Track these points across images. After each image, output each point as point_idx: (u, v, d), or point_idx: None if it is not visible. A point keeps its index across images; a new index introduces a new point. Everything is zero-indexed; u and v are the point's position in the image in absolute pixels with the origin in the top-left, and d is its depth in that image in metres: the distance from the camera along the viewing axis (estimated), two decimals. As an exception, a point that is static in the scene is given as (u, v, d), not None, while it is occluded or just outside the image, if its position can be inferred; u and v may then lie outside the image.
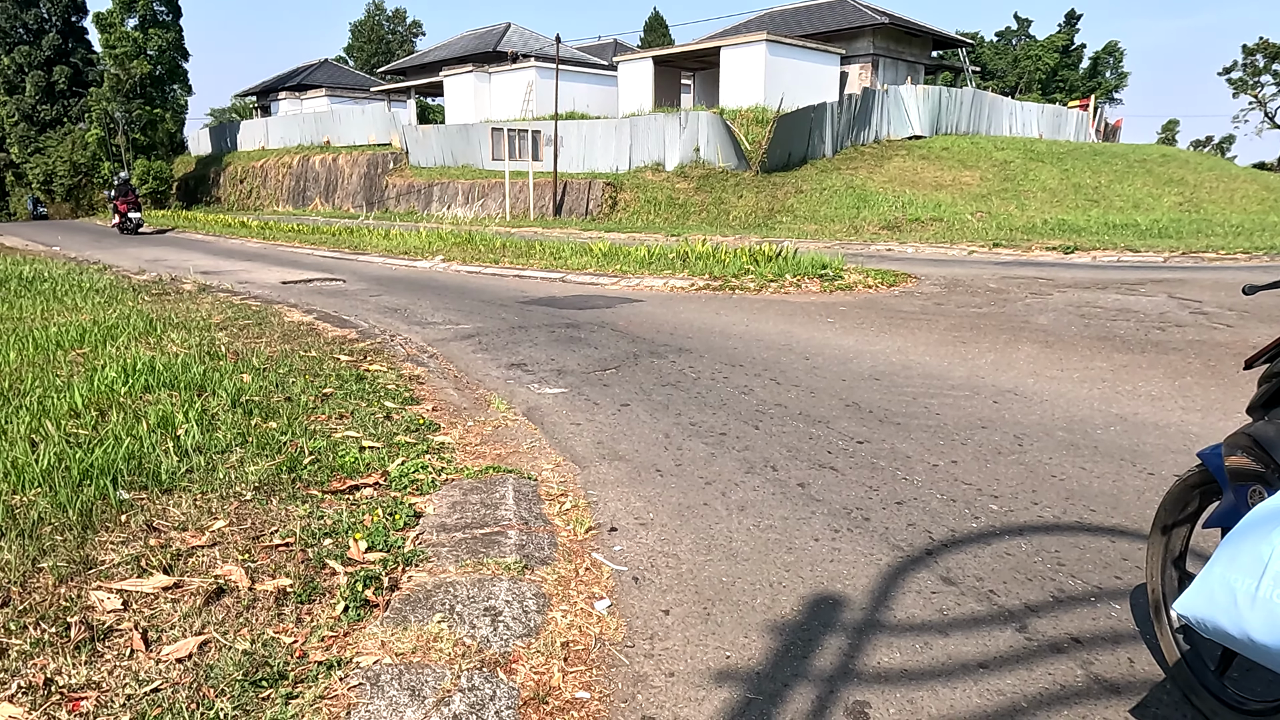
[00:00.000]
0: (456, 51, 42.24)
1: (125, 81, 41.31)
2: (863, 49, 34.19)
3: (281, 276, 13.60)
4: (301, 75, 49.50)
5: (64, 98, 45.78)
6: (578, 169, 29.73)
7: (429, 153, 34.80)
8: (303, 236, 20.38)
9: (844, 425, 4.94)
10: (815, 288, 10.90)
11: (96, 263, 15.65)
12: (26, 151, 45.40)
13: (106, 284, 10.68)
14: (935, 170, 26.90)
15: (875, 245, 17.77)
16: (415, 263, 15.11)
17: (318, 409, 5.01)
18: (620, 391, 5.87)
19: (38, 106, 45.40)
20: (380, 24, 65.71)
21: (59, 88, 45.61)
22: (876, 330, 7.98)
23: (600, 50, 44.52)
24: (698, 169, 27.14)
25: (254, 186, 41.96)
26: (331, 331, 7.73)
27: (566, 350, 7.28)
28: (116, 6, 41.76)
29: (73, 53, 46.08)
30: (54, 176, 44.27)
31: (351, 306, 10.07)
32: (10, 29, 45.04)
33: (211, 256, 17.56)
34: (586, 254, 14.25)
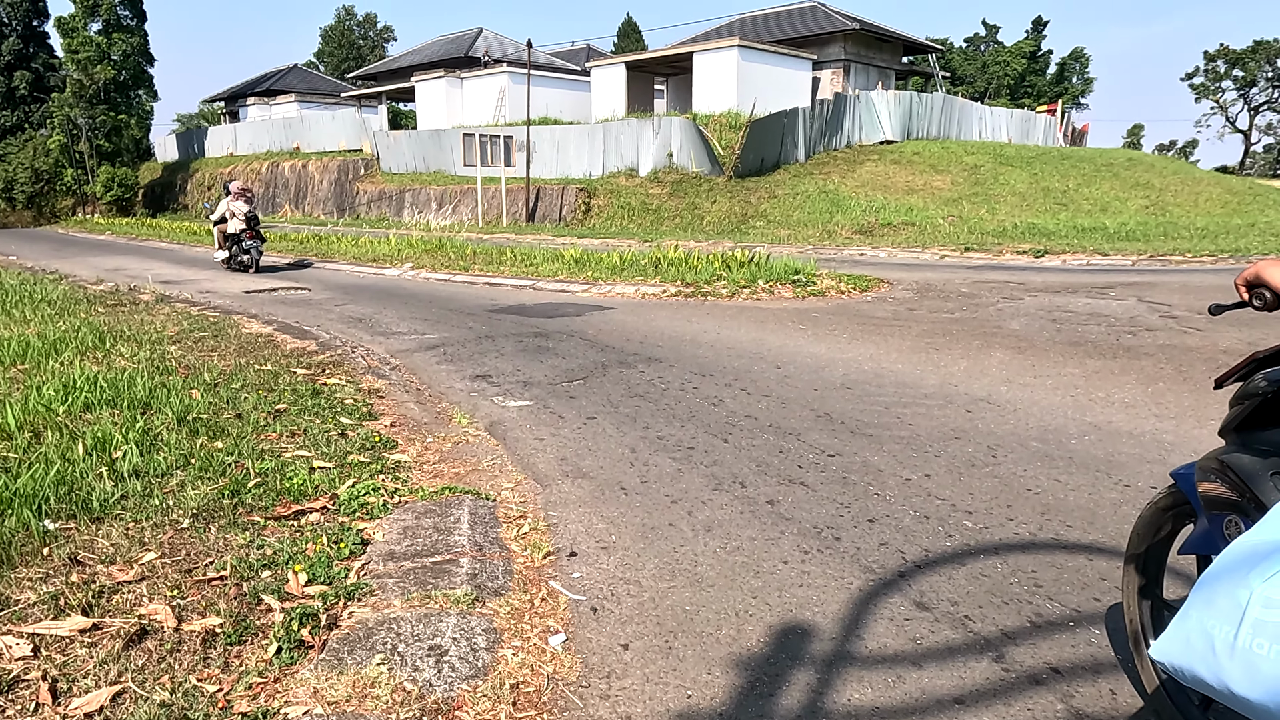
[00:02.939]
0: (428, 57, 41.91)
1: (88, 87, 40.52)
2: (834, 54, 34.33)
3: (245, 285, 13.28)
4: (271, 80, 48.86)
5: (25, 103, 44.82)
6: (551, 174, 29.53)
7: (401, 159, 34.43)
8: (269, 245, 19.97)
9: (815, 437, 4.81)
10: (788, 294, 10.80)
11: (54, 272, 15.21)
12: (-13, 158, 44.34)
13: (60, 295, 10.33)
14: (907, 175, 27.02)
15: (848, 250, 17.74)
16: (384, 270, 14.84)
17: (269, 427, 4.79)
18: (587, 404, 5.69)
19: (-2, 113, 44.39)
20: (351, 29, 65.09)
21: (19, 93, 44.65)
22: (849, 337, 7.87)
23: (573, 55, 44.38)
24: (671, 174, 27.05)
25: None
26: (291, 343, 7.48)
27: (534, 360, 7.09)
28: (79, 10, 40.99)
29: (33, 58, 45.14)
30: (14, 184, 43.29)
31: (314, 316, 9.82)
32: (-31, 33, 44.03)
33: (174, 265, 17.15)
34: (558, 261, 14.07)
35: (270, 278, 14.42)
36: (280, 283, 13.58)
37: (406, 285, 13.02)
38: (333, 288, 12.84)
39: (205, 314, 9.28)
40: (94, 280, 13.83)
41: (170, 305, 9.97)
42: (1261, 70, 62.27)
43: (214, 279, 14.39)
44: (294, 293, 12.48)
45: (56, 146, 41.84)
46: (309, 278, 14.38)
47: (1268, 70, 62.25)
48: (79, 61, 40.56)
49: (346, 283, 13.52)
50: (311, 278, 14.36)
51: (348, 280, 13.90)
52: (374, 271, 14.88)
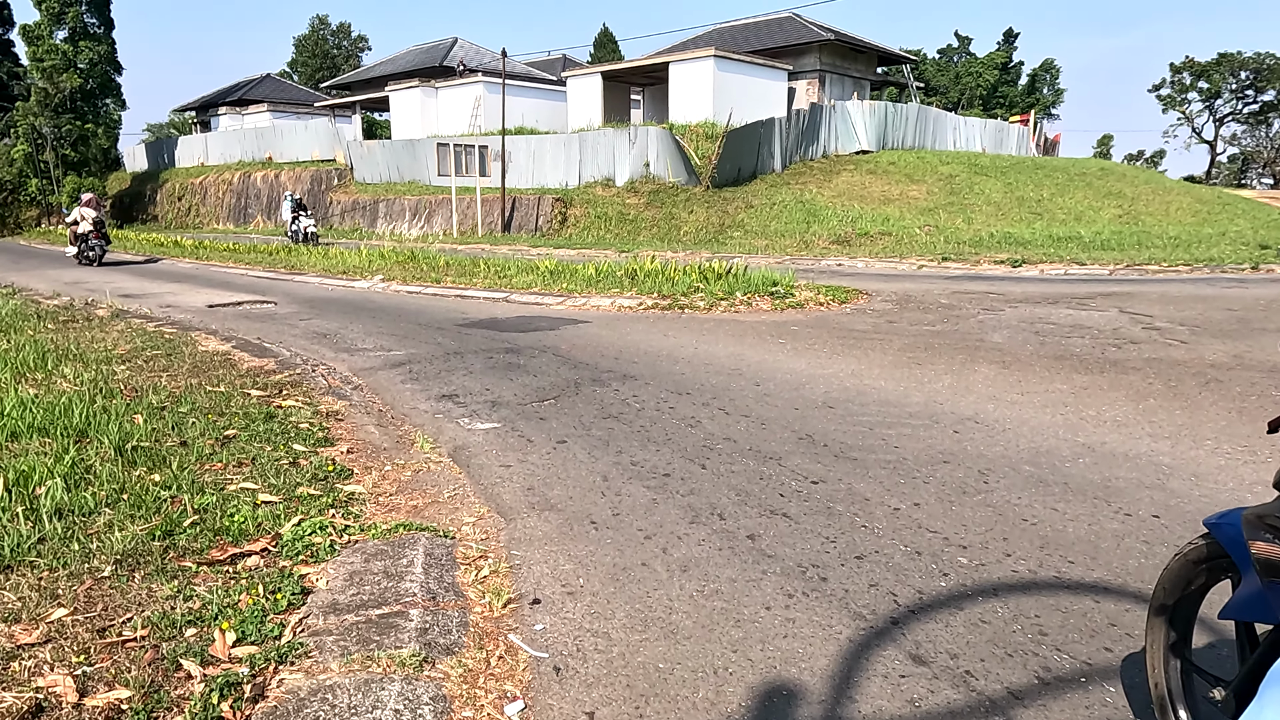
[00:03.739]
0: (403, 66, 41.52)
1: (54, 95, 39.71)
2: (810, 65, 34.37)
3: (209, 299, 12.85)
4: (243, 90, 48.20)
5: (-11, 113, 43.81)
6: (527, 184, 29.23)
7: (374, 169, 33.99)
8: (238, 256, 19.54)
9: (797, 462, 4.55)
10: (766, 306, 10.57)
11: (7, 286, 14.68)
12: (-51, 168, 43.29)
13: (8, 311, 9.88)
14: (883, 184, 27.00)
15: (826, 260, 17.59)
16: (353, 283, 14.46)
17: (215, 456, 4.46)
18: (558, 425, 5.40)
19: (-39, 122, 43.36)
20: (325, 38, 64.43)
21: (-16, 102, 43.65)
22: (829, 351, 7.64)
23: (550, 66, 44.17)
24: (648, 184, 26.85)
25: (193, 204, 40.61)
26: (248, 362, 7.12)
27: (504, 379, 6.79)
28: (45, 18, 40.21)
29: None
30: None
31: (278, 332, 9.45)
32: (-69, 41, 43.07)
33: (138, 278, 16.65)
34: (532, 272, 13.77)
35: (225, 291, 14.00)
36: (245, 296, 13.17)
37: (376, 298, 12.66)
38: (300, 301, 12.45)
39: (162, 330, 8.89)
40: (50, 295, 13.33)
41: (126, 321, 9.55)
42: (1226, 82, 63.33)
43: (177, 293, 13.94)
44: (259, 307, 12.07)
45: (20, 156, 40.92)
46: (277, 290, 13.97)
47: (1231, 82, 63.32)
48: (44, 70, 39.75)
49: (314, 296, 13.13)
50: (279, 290, 13.95)
51: (315, 293, 13.51)
52: (343, 284, 14.49)
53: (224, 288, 14.55)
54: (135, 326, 8.97)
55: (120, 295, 13.54)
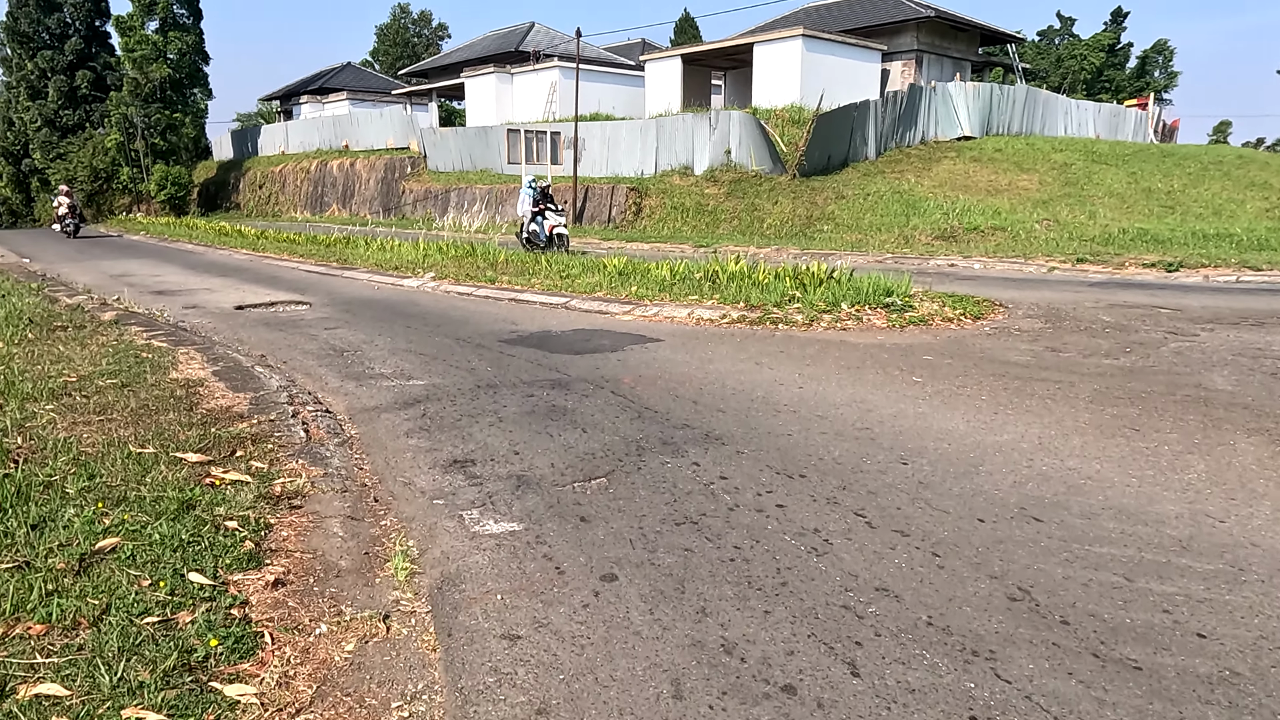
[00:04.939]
0: (479, 52, 40.18)
1: (144, 85, 39.79)
2: (906, 45, 31.48)
3: (243, 298, 11.39)
4: (324, 79, 47.76)
5: (86, 103, 44.42)
6: (600, 173, 27.41)
7: (447, 157, 32.71)
8: (293, 248, 18.26)
9: (1021, 662, 2.50)
10: (881, 322, 8.41)
11: (50, 279, 13.60)
12: (49, 157, 44.10)
13: (2, 316, 8.51)
14: (989, 173, 24.17)
15: (934, 260, 15.17)
16: (402, 280, 12.83)
17: (45, 601, 2.68)
18: (606, 537, 3.46)
19: (60, 112, 44.08)
20: (405, 27, 63.77)
21: (81, 92, 44.25)
22: (990, 399, 5.48)
23: (628, 51, 42.21)
24: (729, 173, 24.68)
25: (273, 192, 40.24)
26: (218, 398, 5.41)
27: (541, 434, 4.89)
28: (137, 9, 40.29)
29: (95, 57, 44.71)
30: (74, 182, 42.85)
31: (290, 346, 7.78)
32: (34, 34, 43.78)
33: (185, 271, 15.45)
34: (598, 272, 11.87)
35: (266, 289, 12.52)
36: (282, 295, 11.66)
37: (421, 300, 10.96)
38: (337, 303, 10.85)
39: (152, 342, 7.31)
40: (81, 290, 12.11)
41: (120, 330, 8.03)
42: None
43: (215, 290, 12.56)
44: (290, 309, 10.52)
45: (114, 145, 41.25)
46: (320, 289, 12.44)
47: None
48: (135, 60, 39.84)
49: (355, 296, 11.52)
50: (321, 289, 12.42)
51: (358, 293, 11.91)
52: (392, 282, 12.88)
53: (266, 284, 13.12)
54: (122, 340, 7.41)
55: (153, 293, 12.23)
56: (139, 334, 7.82)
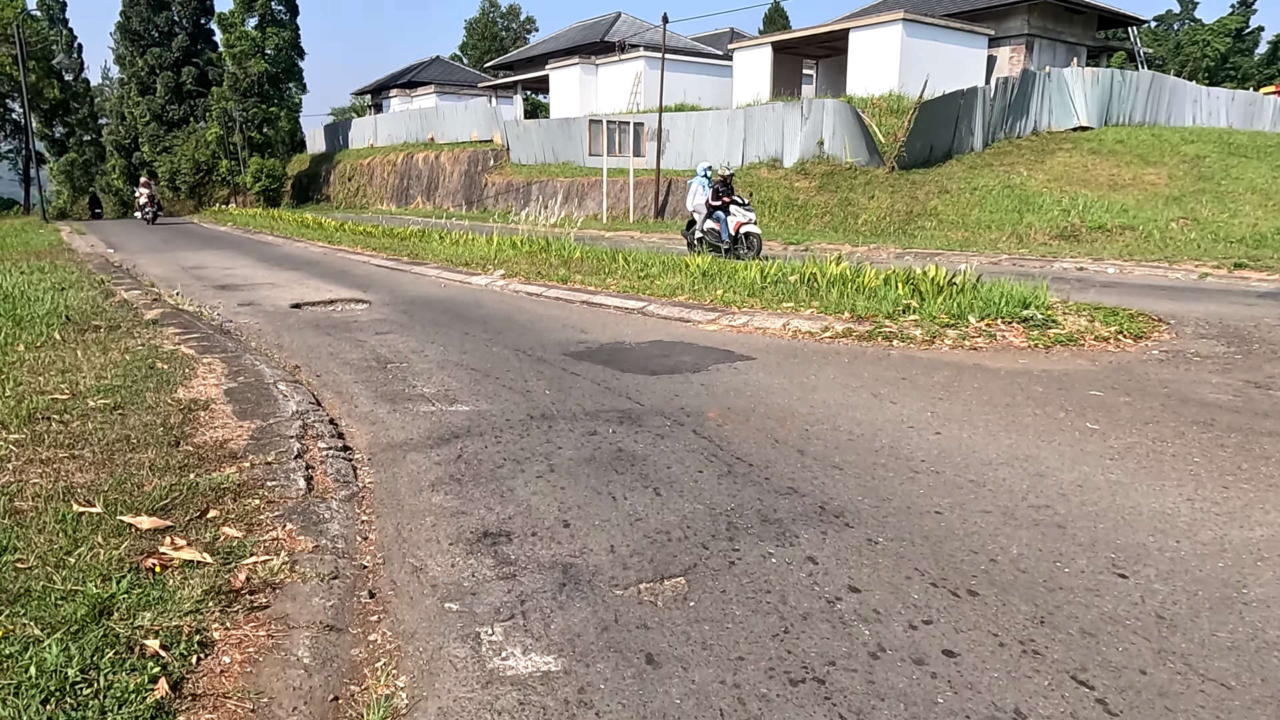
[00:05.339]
0: (563, 44, 39.38)
1: (243, 80, 40.53)
2: (1015, 29, 29.06)
3: (303, 296, 10.63)
4: (413, 72, 47.90)
5: (190, 98, 45.67)
6: (684, 165, 26.14)
7: (530, 149, 32.01)
8: (370, 240, 17.65)
9: None
10: (1018, 339, 6.93)
11: (121, 270, 13.24)
12: (156, 150, 45.54)
13: (42, 312, 7.86)
14: (1110, 167, 21.84)
15: (1060, 262, 13.36)
16: (470, 278, 11.89)
17: None
18: (681, 698, 2.24)
19: (166, 106, 45.46)
20: (494, 21, 63.68)
21: (186, 88, 45.52)
22: (1205, 462, 4.02)
23: (715, 41, 40.73)
24: (820, 165, 23.06)
25: (361, 184, 40.45)
26: (217, 427, 4.43)
27: (601, 492, 3.72)
28: (238, 7, 41.06)
29: (199, 54, 45.91)
30: (178, 174, 44.17)
31: (330, 356, 6.84)
32: (144, 32, 45.23)
33: (256, 264, 14.94)
34: (680, 272, 10.66)
35: (331, 284, 11.76)
36: (344, 292, 10.86)
37: (487, 302, 9.96)
38: (398, 303, 9.95)
39: (179, 349, 6.46)
40: (146, 283, 11.61)
41: (156, 331, 7.25)
42: None
43: (278, 285, 11.88)
44: (346, 309, 9.68)
45: (214, 138, 42.22)
46: (384, 285, 11.61)
47: None
48: (235, 56, 40.62)
49: (418, 295, 10.62)
50: (386, 286, 11.58)
51: (422, 291, 11.01)
52: (459, 279, 11.96)
53: (331, 279, 12.38)
54: (148, 347, 6.58)
55: (216, 287, 11.63)
56: (172, 337, 7.01)
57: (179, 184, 44.56)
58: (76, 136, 49.50)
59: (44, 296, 9.14)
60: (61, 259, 14.45)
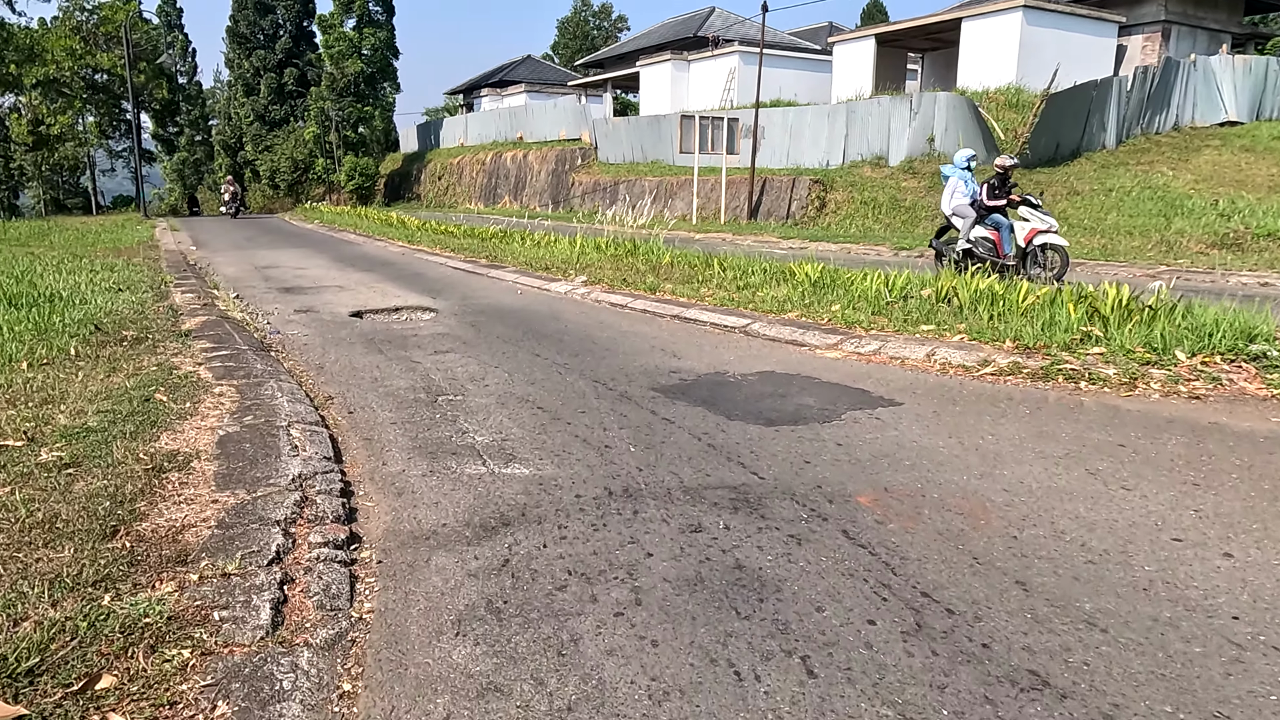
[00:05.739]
0: (655, 40, 38.09)
1: (339, 80, 40.81)
2: (1150, 14, 26.15)
3: (367, 302, 9.60)
4: (504, 72, 47.51)
5: (291, 98, 46.47)
6: (780, 164, 24.48)
7: (618, 148, 30.86)
8: (450, 240, 16.71)
9: None
10: (1251, 385, 5.16)
11: (193, 268, 12.59)
12: (258, 149, 46.53)
13: (70, 321, 6.98)
14: (1268, 166, 19.09)
15: (1236, 276, 11.20)
16: (549, 284, 10.66)
17: None
18: None
19: (269, 107, 46.37)
20: (586, 20, 63.01)
21: (287, 89, 46.34)
22: None
23: (813, 36, 38.72)
24: (931, 163, 21.03)
25: (450, 183, 40.17)
26: (184, 501, 3.19)
27: (715, 661, 2.29)
28: (337, 8, 41.40)
29: (300, 55, 46.68)
30: (278, 172, 44.96)
31: (374, 383, 5.64)
32: (250, 35, 46.25)
33: (330, 264, 14.12)
34: (785, 281, 9.15)
35: (400, 288, 10.71)
36: (412, 299, 9.77)
37: (564, 313, 8.68)
38: (466, 312, 8.77)
39: (198, 371, 5.37)
40: (210, 284, 10.85)
41: (185, 344, 6.22)
42: None
43: (346, 288, 10.91)
44: (411, 319, 8.56)
45: (311, 137, 42.71)
46: (456, 291, 10.50)
47: None
48: (333, 56, 40.96)
49: (491, 304, 9.43)
50: (458, 292, 10.47)
51: (496, 299, 9.82)
52: (538, 285, 10.74)
53: (403, 283, 11.36)
54: (162, 368, 5.52)
55: (282, 289, 10.75)
56: (198, 354, 5.94)
57: (278, 182, 45.34)
58: (187, 136, 51.13)
59: (92, 299, 8.36)
60: (140, 257, 13.96)
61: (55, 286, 9.11)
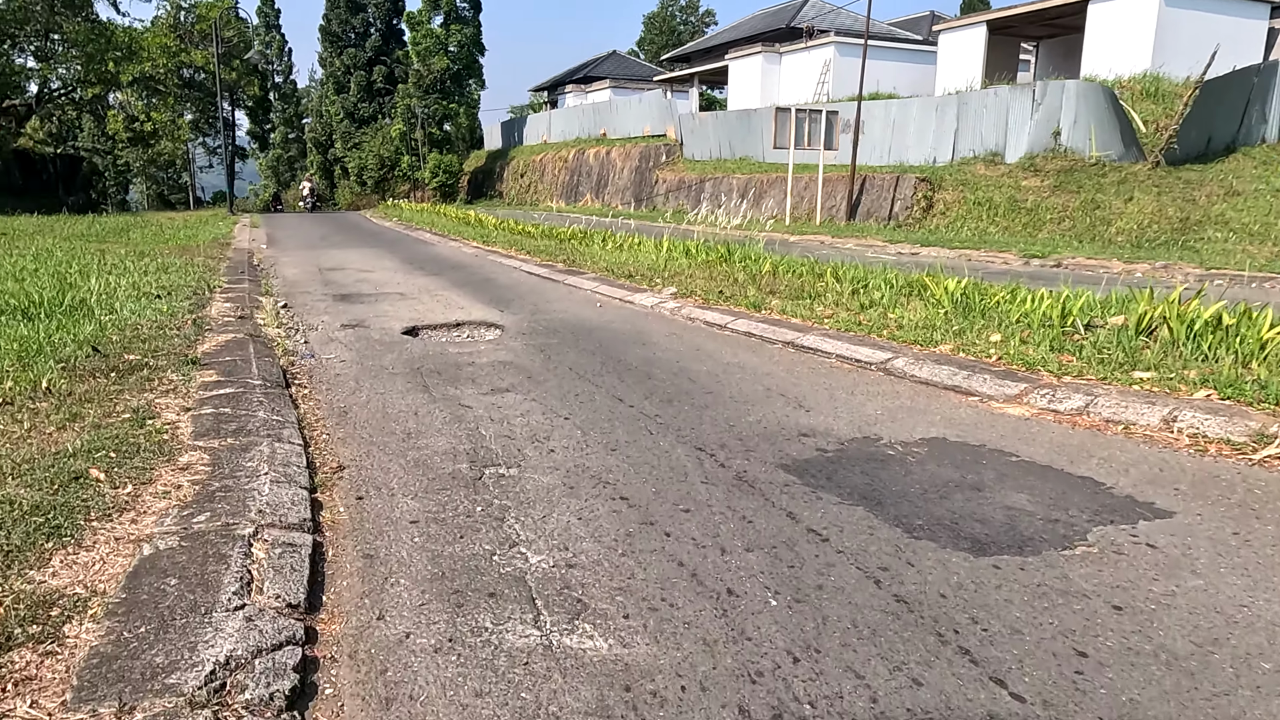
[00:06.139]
0: (745, 32, 36.19)
1: (425, 77, 40.37)
2: (1310, -7, 22.91)
3: (424, 316, 8.28)
4: (589, 68, 46.35)
5: (379, 96, 46.45)
6: (880, 160, 22.42)
7: (705, 144, 29.20)
8: (526, 241, 15.41)
9: None
10: None
11: (255, 269, 11.60)
12: (347, 146, 46.69)
13: (79, 337, 5.83)
14: None
15: None
16: (634, 295, 9.14)
17: None
18: None
19: (358, 104, 46.45)
20: (673, 15, 61.40)
21: (376, 86, 46.31)
22: None
23: (913, 26, 36.15)
24: (1056, 159, 18.68)
25: (532, 181, 39.24)
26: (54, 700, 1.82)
27: None
28: (425, 5, 40.97)
29: (389, 53, 46.59)
30: (365, 169, 44.97)
31: (405, 440, 4.20)
32: (342, 33, 46.40)
33: (397, 267, 12.97)
34: (918, 296, 7.40)
35: (466, 298, 9.36)
36: (477, 312, 8.41)
37: (652, 334, 7.13)
38: (536, 331, 7.33)
39: (166, 429, 4.06)
40: (263, 289, 9.77)
41: (180, 377, 4.93)
42: None
43: (408, 296, 9.66)
44: (472, 337, 7.18)
45: (397, 135, 42.47)
46: (528, 302, 9.11)
47: None
48: (419, 53, 40.54)
49: (565, 319, 7.97)
50: (529, 302, 9.07)
51: (572, 314, 8.36)
52: (620, 297, 9.24)
53: (470, 291, 10.04)
54: (131, 415, 4.22)
55: (337, 297, 9.58)
56: (196, 391, 4.64)
57: (365, 178, 45.34)
58: (280, 133, 51.85)
59: (122, 308, 7.28)
60: (204, 256, 13.10)
61: (91, 291, 8.11)
